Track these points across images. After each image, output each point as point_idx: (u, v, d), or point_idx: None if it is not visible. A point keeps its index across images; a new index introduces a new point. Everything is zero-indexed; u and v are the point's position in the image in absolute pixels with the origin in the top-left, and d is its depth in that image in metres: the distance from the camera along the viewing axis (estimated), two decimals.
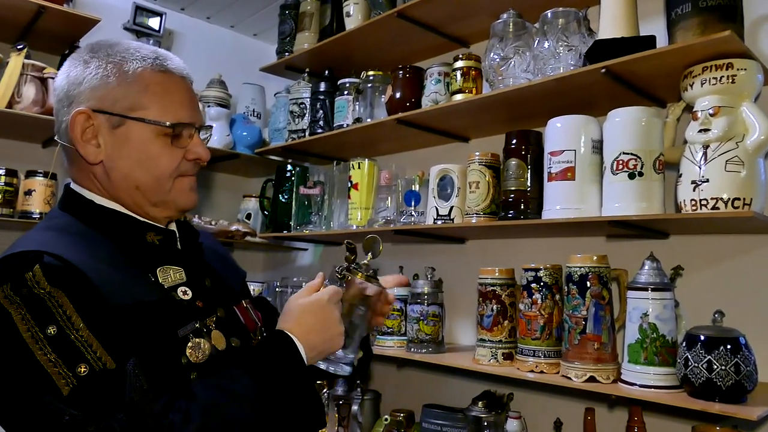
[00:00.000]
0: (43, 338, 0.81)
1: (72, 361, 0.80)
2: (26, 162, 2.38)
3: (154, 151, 1.00)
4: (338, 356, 1.08)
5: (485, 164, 1.82)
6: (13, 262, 0.86)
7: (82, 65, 1.00)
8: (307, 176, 2.48)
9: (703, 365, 1.28)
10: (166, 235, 1.05)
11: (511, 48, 1.75)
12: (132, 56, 1.01)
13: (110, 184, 1.01)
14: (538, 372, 1.58)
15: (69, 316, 0.83)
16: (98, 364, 0.81)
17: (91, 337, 0.82)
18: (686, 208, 1.39)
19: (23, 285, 0.83)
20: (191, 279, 1.03)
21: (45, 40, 2.42)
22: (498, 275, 1.74)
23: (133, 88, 0.99)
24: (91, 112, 0.98)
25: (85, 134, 0.98)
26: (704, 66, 1.39)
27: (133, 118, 0.99)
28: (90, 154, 0.99)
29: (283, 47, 2.61)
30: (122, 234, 1.00)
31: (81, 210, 1.01)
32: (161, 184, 1.02)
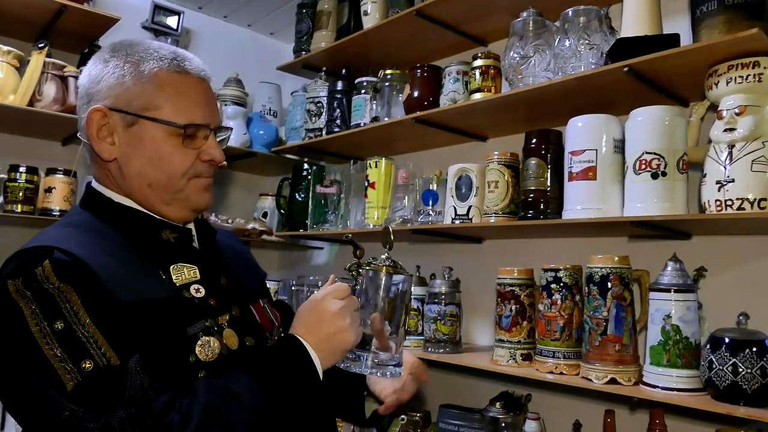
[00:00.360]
0: (51, 333, 0.82)
1: (77, 357, 0.82)
2: (47, 160, 2.41)
3: (166, 151, 1.00)
4: (383, 359, 1.04)
5: (504, 163, 1.81)
6: (25, 257, 0.87)
7: (102, 64, 1.02)
8: (324, 175, 2.48)
9: (728, 368, 1.26)
10: (181, 233, 1.06)
11: (531, 46, 1.73)
12: (150, 56, 1.01)
13: (124, 182, 1.02)
14: (558, 373, 1.57)
15: (76, 311, 0.84)
16: (102, 360, 0.82)
17: (97, 333, 0.84)
18: (711, 208, 1.37)
19: (33, 280, 0.85)
20: (205, 277, 1.03)
21: (65, 39, 2.45)
22: (517, 275, 1.73)
23: (148, 87, 1.00)
24: (107, 110, 0.99)
25: (101, 132, 1.00)
26: (730, 64, 1.37)
27: (147, 117, 0.99)
28: (104, 152, 1.01)
29: (300, 46, 2.61)
30: (138, 231, 1.01)
31: (99, 207, 1.03)
32: (173, 183, 1.02)
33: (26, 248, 0.89)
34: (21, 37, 2.41)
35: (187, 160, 1.02)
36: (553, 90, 1.65)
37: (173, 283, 0.98)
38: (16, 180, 2.19)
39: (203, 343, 0.94)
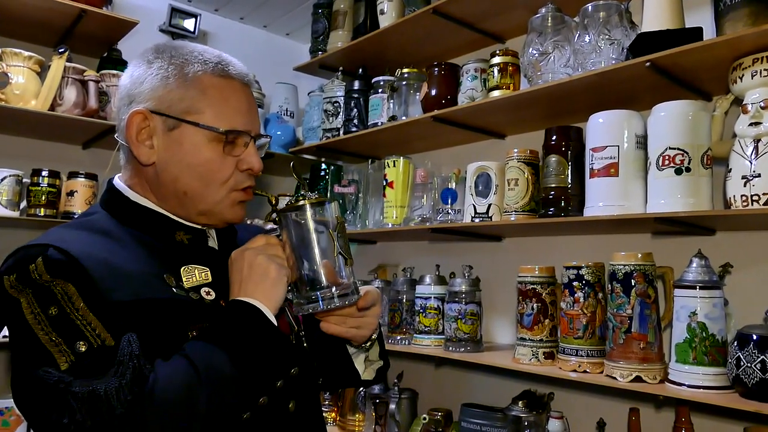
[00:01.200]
0: (45, 319, 0.83)
1: (71, 339, 0.82)
2: (68, 163, 2.44)
3: (206, 157, 0.98)
4: (337, 291, 0.97)
5: (524, 161, 1.80)
6: (20, 255, 0.89)
7: (146, 65, 1.00)
8: (342, 175, 2.49)
9: (756, 365, 1.24)
10: (195, 234, 1.03)
11: (550, 43, 1.72)
12: (194, 59, 1.00)
13: (160, 188, 1.00)
14: (581, 371, 1.56)
15: (70, 297, 0.84)
16: (97, 341, 0.83)
17: (91, 316, 0.84)
18: (736, 203, 1.35)
19: (27, 276, 0.86)
20: (219, 278, 1.00)
21: (85, 43, 2.47)
22: (538, 273, 1.72)
23: (191, 91, 0.98)
24: (148, 113, 0.97)
25: (140, 135, 0.98)
26: (755, 57, 1.35)
27: (188, 121, 0.97)
28: (143, 155, 0.98)
29: (316, 46, 2.62)
30: (150, 231, 1.00)
31: (115, 206, 1.02)
32: (210, 192, 0.99)
33: (25, 246, 0.90)
34: (42, 42, 2.45)
35: (227, 169, 0.99)
36: (573, 86, 1.64)
37: (180, 284, 0.95)
38: (39, 184, 2.22)
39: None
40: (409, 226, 2.13)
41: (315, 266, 0.97)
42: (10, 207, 2.14)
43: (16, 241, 0.93)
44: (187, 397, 0.82)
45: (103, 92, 2.34)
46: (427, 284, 2.05)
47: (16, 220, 2.21)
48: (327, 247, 0.98)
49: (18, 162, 2.30)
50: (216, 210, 1.01)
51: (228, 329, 0.90)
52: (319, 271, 0.96)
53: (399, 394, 2.17)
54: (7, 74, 2.13)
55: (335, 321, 1.04)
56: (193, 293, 0.96)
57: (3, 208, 2.13)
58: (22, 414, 0.89)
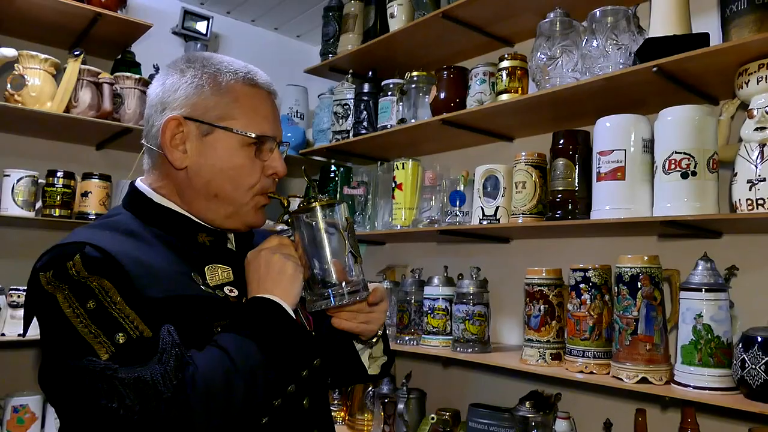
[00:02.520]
0: (84, 312, 0.85)
1: (110, 331, 0.84)
2: (82, 164, 2.48)
3: (238, 161, 1.02)
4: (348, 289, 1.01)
5: (532, 164, 1.82)
6: (57, 252, 0.91)
7: (179, 74, 1.04)
8: (351, 176, 2.51)
9: (761, 367, 1.26)
10: (216, 236, 1.07)
11: (558, 47, 1.74)
12: (225, 68, 1.04)
13: (191, 191, 1.04)
14: (588, 373, 1.58)
15: (107, 291, 0.87)
16: (135, 332, 0.85)
17: (128, 309, 0.86)
18: (742, 207, 1.37)
19: (64, 273, 0.88)
20: (240, 278, 1.04)
21: (99, 46, 2.51)
22: (545, 275, 1.74)
23: (225, 99, 1.02)
24: (182, 119, 1.01)
25: (174, 140, 1.01)
26: (760, 63, 1.37)
27: (223, 127, 1.01)
28: (176, 159, 1.02)
29: (326, 49, 2.65)
30: (174, 232, 1.03)
31: (139, 207, 1.04)
32: (239, 195, 1.03)
33: (60, 244, 0.93)
34: (57, 45, 2.49)
35: (256, 173, 1.04)
36: (580, 90, 1.66)
37: (206, 283, 1.00)
38: (54, 185, 2.26)
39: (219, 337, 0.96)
40: (417, 227, 2.15)
41: (326, 265, 1.01)
42: (25, 207, 2.18)
43: (32, 241, 0.97)
44: (226, 383, 0.86)
45: (117, 94, 2.38)
46: (435, 285, 2.07)
47: (32, 221, 2.25)
48: (337, 246, 1.02)
49: (34, 163, 2.35)
50: (242, 212, 1.05)
51: (253, 323, 0.94)
52: (330, 269, 1.01)
53: (407, 393, 2.20)
54: (23, 76, 2.17)
55: (346, 317, 1.07)
56: (219, 291, 1.00)
57: (19, 208, 2.17)
58: (55, 406, 0.92)
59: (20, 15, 2.26)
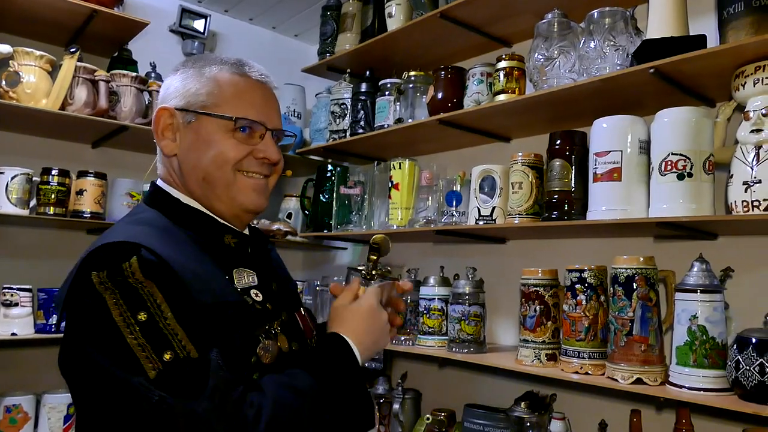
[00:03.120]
0: (134, 323, 0.85)
1: (159, 347, 0.84)
2: (78, 162, 2.47)
3: (217, 140, 1.05)
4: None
5: (528, 164, 1.82)
6: (111, 251, 0.90)
7: (173, 73, 1.12)
8: (348, 176, 2.51)
9: (755, 368, 1.26)
10: (241, 238, 1.10)
11: (555, 48, 1.74)
12: (213, 62, 1.10)
13: (183, 178, 1.08)
14: (583, 373, 1.58)
15: (159, 304, 0.87)
16: (183, 352, 0.85)
17: (178, 327, 0.86)
18: (737, 209, 1.37)
19: (119, 273, 0.87)
20: (261, 282, 1.07)
21: (95, 43, 2.50)
22: (541, 276, 1.74)
23: (207, 87, 1.06)
24: (173, 110, 1.07)
25: (166, 130, 1.07)
26: (757, 65, 1.37)
27: (202, 113, 1.05)
28: (165, 147, 1.08)
29: (324, 48, 2.65)
30: (203, 233, 1.06)
31: (167, 206, 1.07)
32: (222, 174, 1.05)
33: (112, 242, 0.91)
34: (53, 42, 2.48)
35: (239, 151, 1.05)
36: (577, 91, 1.66)
37: (236, 286, 1.02)
38: (49, 183, 2.24)
39: (264, 346, 0.99)
40: (413, 227, 2.15)
41: None
42: (20, 205, 2.17)
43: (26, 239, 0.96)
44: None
45: (113, 92, 2.37)
46: (431, 285, 2.07)
47: (26, 219, 2.24)
48: None
49: (28, 160, 2.33)
50: (231, 194, 1.07)
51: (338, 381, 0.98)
52: None
53: (403, 394, 2.20)
54: (18, 73, 2.16)
55: None
56: (246, 295, 1.03)
57: (13, 206, 2.16)
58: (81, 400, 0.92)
59: (16, 11, 2.25)
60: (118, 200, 2.40)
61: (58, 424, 2.20)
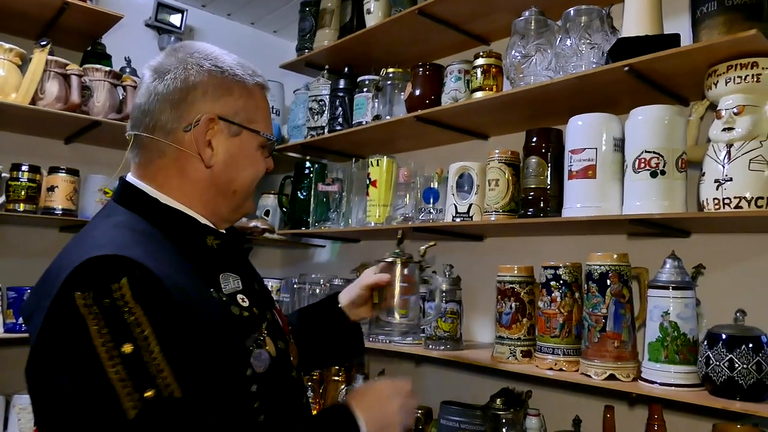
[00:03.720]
0: (118, 355, 0.79)
1: (142, 384, 0.79)
2: (51, 158, 2.42)
3: (256, 160, 1.09)
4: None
5: (505, 162, 1.82)
6: (99, 267, 0.82)
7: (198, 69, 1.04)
8: (326, 173, 2.50)
9: (724, 364, 1.28)
10: (223, 239, 1.07)
11: (532, 46, 1.75)
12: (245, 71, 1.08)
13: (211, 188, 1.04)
14: (558, 370, 1.59)
15: (146, 336, 0.81)
16: (165, 391, 0.80)
17: (164, 362, 0.81)
18: (709, 206, 1.39)
19: (107, 296, 0.80)
20: (246, 285, 1.05)
21: (67, 37, 2.46)
22: (517, 273, 1.74)
23: (251, 102, 1.07)
24: (216, 119, 1.03)
25: (213, 139, 1.03)
26: (729, 65, 1.39)
27: (251, 129, 1.07)
28: (209, 158, 1.03)
29: (302, 44, 2.63)
30: (184, 235, 1.01)
31: (142, 207, 1.01)
32: (251, 189, 1.10)
33: (100, 256, 0.83)
34: (23, 35, 2.43)
35: (263, 168, 1.11)
36: (554, 89, 1.66)
37: (224, 293, 0.99)
38: (19, 179, 2.20)
39: (256, 355, 0.96)
40: (391, 224, 2.15)
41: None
42: None
43: None
44: None
45: (86, 87, 2.33)
46: None
47: None
48: None
49: None
50: (246, 205, 1.11)
51: None
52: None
53: None
54: None
55: None
56: (234, 302, 1.00)
57: None
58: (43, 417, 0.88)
59: None
60: (91, 197, 2.36)
61: (29, 425, 2.15)
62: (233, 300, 0.99)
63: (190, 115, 1.01)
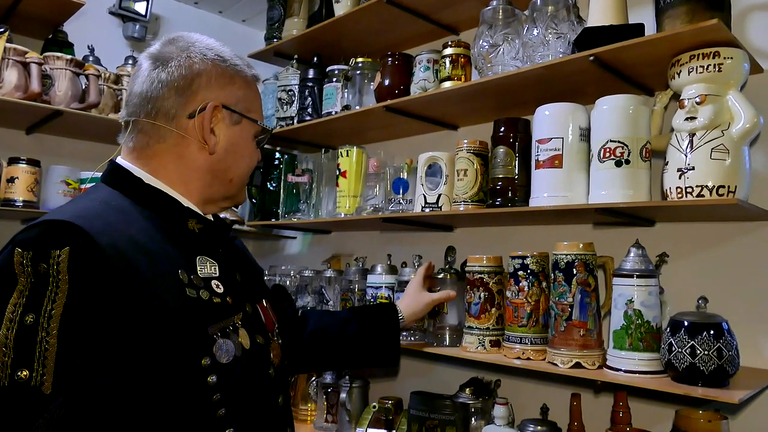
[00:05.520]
0: (18, 321, 0.79)
1: (20, 361, 0.78)
2: (10, 149, 2.35)
3: (252, 150, 1.14)
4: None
5: (473, 152, 1.82)
6: (48, 230, 0.83)
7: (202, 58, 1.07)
8: (296, 164, 2.47)
9: (686, 350, 1.29)
10: (206, 224, 1.07)
11: (500, 35, 1.74)
12: (244, 63, 1.13)
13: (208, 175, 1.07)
14: (525, 359, 1.59)
15: (52, 316, 0.79)
16: (37, 380, 0.78)
17: (52, 351, 0.79)
18: (672, 195, 1.40)
19: (44, 260, 0.81)
20: (224, 273, 1.04)
21: (27, 24, 2.39)
22: (486, 263, 1.74)
23: (250, 92, 1.12)
24: (220, 106, 1.07)
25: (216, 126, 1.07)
26: (691, 54, 1.40)
27: (250, 118, 1.11)
28: (213, 144, 1.07)
29: (271, 33, 2.59)
30: (166, 216, 1.02)
31: (128, 186, 1.02)
32: (246, 178, 1.14)
33: (54, 220, 0.84)
34: None
35: (256, 159, 1.16)
36: (521, 78, 1.66)
37: (197, 276, 0.98)
38: None
39: (220, 344, 0.94)
40: (361, 215, 2.13)
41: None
42: None
43: None
44: None
45: (46, 75, 2.26)
46: (378, 274, 2.06)
47: None
48: None
49: None
50: (240, 194, 1.15)
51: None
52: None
53: (350, 383, 2.18)
54: None
55: None
56: (206, 287, 0.98)
57: None
58: None
59: None
60: (53, 188, 2.30)
61: None
62: (207, 285, 0.98)
63: (195, 102, 1.05)
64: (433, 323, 1.84)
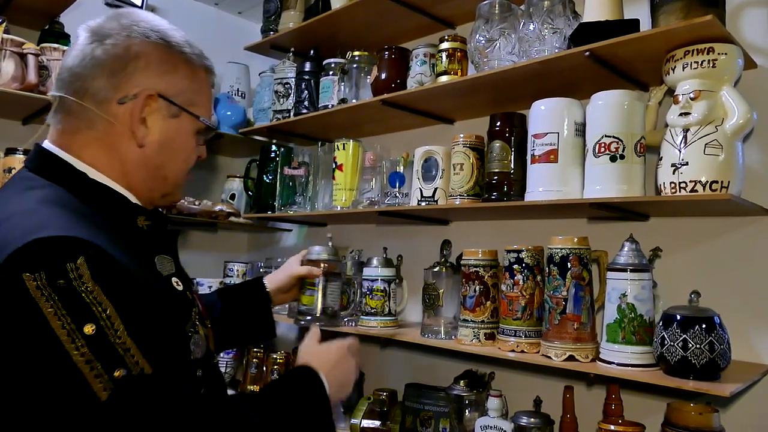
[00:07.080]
0: (81, 337, 0.74)
1: (110, 364, 0.75)
2: (6, 140, 2.34)
3: (191, 146, 1.05)
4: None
5: (469, 146, 1.83)
6: (51, 248, 0.76)
7: (144, 39, 0.97)
8: (292, 157, 2.48)
9: (678, 344, 1.31)
10: (154, 220, 1.01)
11: (496, 30, 1.75)
12: (192, 49, 1.03)
13: (140, 170, 0.98)
14: (519, 351, 1.61)
15: (109, 315, 0.77)
16: (135, 368, 0.77)
17: (129, 340, 0.77)
18: (666, 190, 1.41)
19: (61, 276, 0.75)
20: (177, 269, 1.02)
21: (24, 15, 2.37)
22: (481, 256, 1.75)
23: (195, 84, 1.02)
24: (156, 96, 0.97)
25: (149, 117, 0.97)
26: (686, 50, 1.41)
27: (191, 113, 1.01)
28: (142, 137, 0.97)
29: (268, 26, 2.58)
30: (114, 214, 0.94)
31: (68, 181, 0.92)
32: (182, 177, 1.06)
33: (49, 237, 0.77)
34: None
35: (196, 155, 1.07)
36: (517, 73, 1.67)
37: (164, 277, 0.96)
38: None
39: (196, 340, 0.94)
40: (357, 209, 2.14)
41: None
42: None
43: None
44: None
45: (43, 66, 2.26)
46: (374, 266, 2.07)
47: None
48: None
49: None
50: (176, 192, 1.07)
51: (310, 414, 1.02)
52: None
53: None
54: None
55: None
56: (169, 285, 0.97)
57: None
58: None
59: None
60: None
61: None
62: (168, 281, 0.97)
63: (127, 86, 0.94)
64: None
